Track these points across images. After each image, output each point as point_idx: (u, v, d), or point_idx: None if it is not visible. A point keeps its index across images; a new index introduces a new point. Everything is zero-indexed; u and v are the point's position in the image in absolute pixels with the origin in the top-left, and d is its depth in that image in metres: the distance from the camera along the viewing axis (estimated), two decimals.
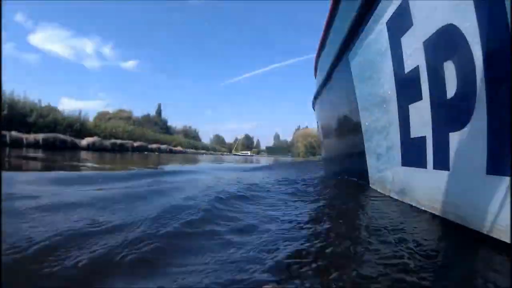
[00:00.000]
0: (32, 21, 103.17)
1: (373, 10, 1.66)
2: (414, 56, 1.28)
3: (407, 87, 1.40)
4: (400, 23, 1.37)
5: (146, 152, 22.38)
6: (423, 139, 1.25)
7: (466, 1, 0.90)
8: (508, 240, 0.77)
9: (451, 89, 1.03)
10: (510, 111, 0.76)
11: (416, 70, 1.27)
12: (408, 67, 1.35)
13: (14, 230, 0.84)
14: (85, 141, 18.43)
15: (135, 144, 24.60)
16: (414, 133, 1.35)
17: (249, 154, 62.33)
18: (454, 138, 1.02)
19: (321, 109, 4.23)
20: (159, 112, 53.46)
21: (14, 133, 13.11)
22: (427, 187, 1.24)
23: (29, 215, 1.05)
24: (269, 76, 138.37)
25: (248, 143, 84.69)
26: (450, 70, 1.03)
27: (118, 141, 22.94)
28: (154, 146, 27.45)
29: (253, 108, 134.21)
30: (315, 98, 4.45)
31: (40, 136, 14.89)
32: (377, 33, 1.65)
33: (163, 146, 29.27)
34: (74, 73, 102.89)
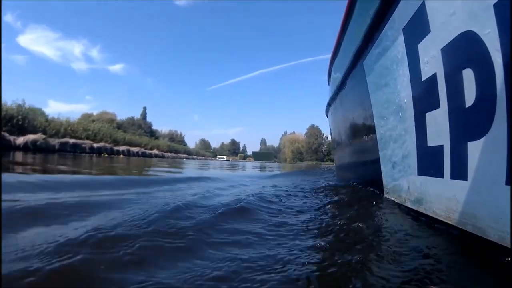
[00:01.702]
0: (21, 21, 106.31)
1: (389, 16, 1.66)
2: (432, 63, 1.26)
3: (424, 95, 1.37)
4: (417, 29, 1.36)
5: (106, 155, 18.64)
6: (440, 148, 1.22)
7: (485, 7, 0.89)
8: None
9: (469, 97, 1.01)
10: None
11: (433, 77, 1.25)
12: (425, 74, 1.33)
13: None
14: (22, 139, 14.93)
15: (95, 145, 21.16)
16: (431, 141, 1.32)
17: (225, 159, 67.73)
18: (473, 148, 0.99)
19: (334, 116, 4.19)
20: (144, 115, 54.47)
21: None
22: (443, 197, 1.21)
23: None
24: (256, 81, 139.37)
25: (234, 149, 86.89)
26: (468, 78, 1.00)
27: (71, 140, 18.86)
28: (122, 148, 24.54)
29: (240, 113, 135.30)
30: (329, 105, 4.42)
31: None
32: (393, 39, 1.63)
33: (134, 149, 26.47)
34: (62, 75, 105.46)
